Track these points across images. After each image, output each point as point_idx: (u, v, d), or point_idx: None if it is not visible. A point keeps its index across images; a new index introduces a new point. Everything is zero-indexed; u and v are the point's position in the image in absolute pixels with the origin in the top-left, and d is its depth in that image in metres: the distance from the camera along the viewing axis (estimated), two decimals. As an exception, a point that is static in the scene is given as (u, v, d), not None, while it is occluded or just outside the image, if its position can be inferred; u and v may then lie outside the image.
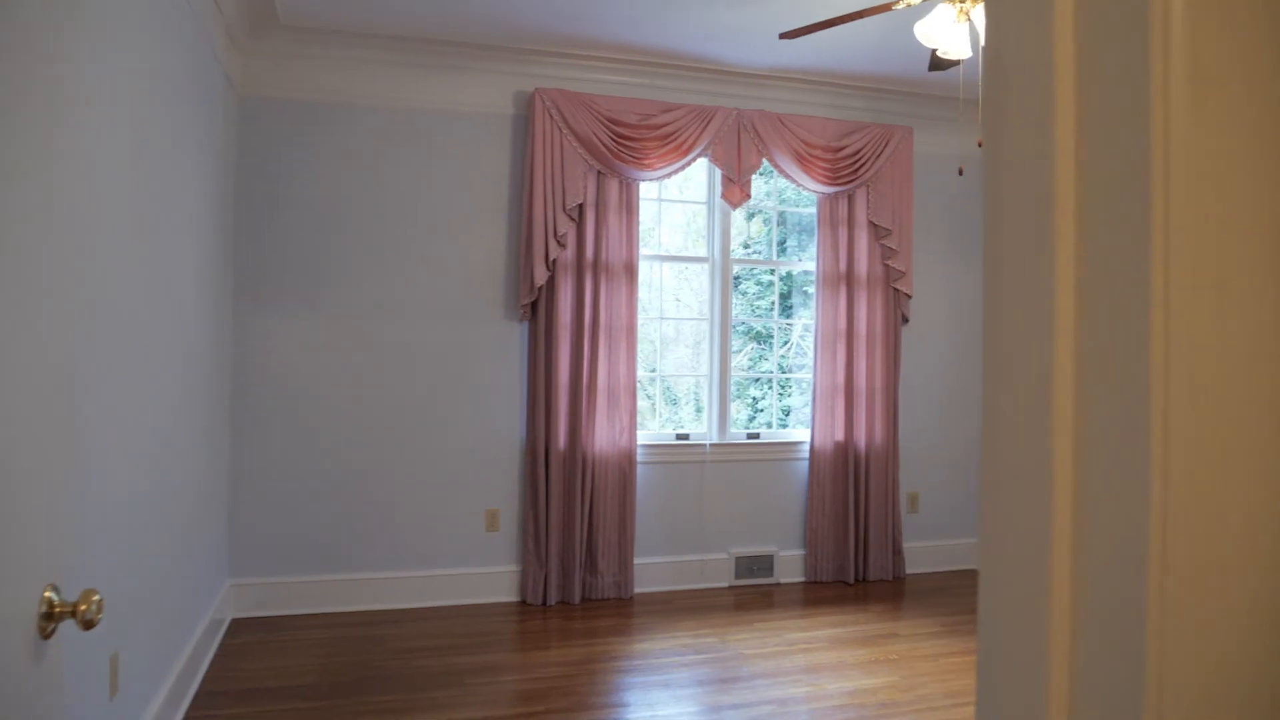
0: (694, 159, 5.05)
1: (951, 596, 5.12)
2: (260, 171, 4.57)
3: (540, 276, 4.77)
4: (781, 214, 5.77)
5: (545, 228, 4.78)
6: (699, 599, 5.02)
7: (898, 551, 5.48)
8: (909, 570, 5.61)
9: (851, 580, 5.33)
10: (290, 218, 4.61)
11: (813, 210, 5.58)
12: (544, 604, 4.82)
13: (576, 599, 4.84)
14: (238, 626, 4.36)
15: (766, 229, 6.83)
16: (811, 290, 5.74)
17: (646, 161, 4.93)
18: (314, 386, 4.64)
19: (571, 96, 4.81)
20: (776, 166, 5.21)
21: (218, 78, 4.02)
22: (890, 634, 4.42)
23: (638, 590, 5.08)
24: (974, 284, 5.80)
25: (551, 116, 4.79)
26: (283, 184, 4.60)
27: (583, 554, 4.90)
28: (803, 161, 5.21)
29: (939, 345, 5.73)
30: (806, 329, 5.88)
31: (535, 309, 4.86)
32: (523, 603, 4.84)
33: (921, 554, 5.68)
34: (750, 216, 6.50)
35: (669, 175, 5.03)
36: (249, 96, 4.54)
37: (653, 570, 5.14)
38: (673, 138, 4.97)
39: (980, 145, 2.85)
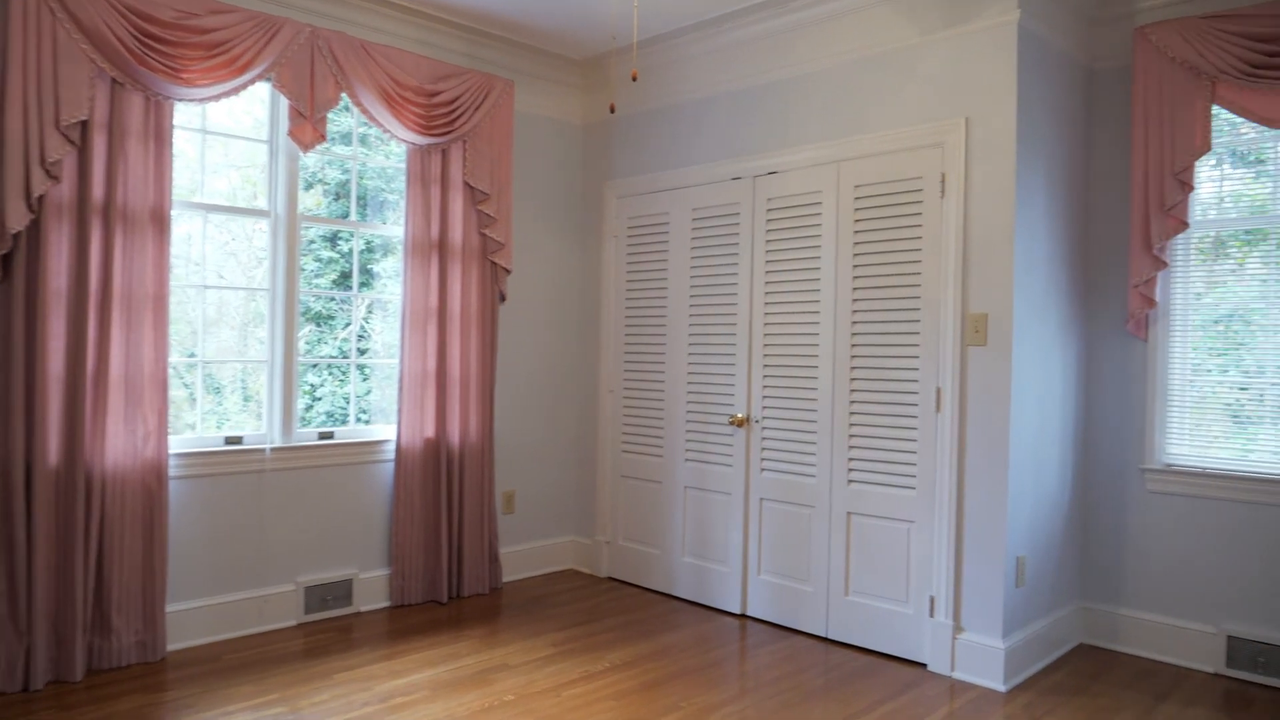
0: (252, 80, 3.88)
1: (553, 606, 4.65)
2: None
3: (18, 220, 3.29)
4: (345, 184, 4.78)
5: (26, 150, 3.31)
6: (259, 648, 3.93)
7: (494, 559, 4.87)
8: (506, 578, 5.05)
9: (445, 599, 4.60)
10: None
11: (383, 181, 4.70)
12: (26, 689, 3.37)
13: (79, 674, 3.47)
14: None
15: (328, 200, 5.74)
16: (376, 269, 4.88)
17: (185, 75, 3.66)
18: None
19: (69, -34, 3.38)
20: (360, 105, 4.24)
21: None
22: (500, 665, 3.80)
23: (172, 648, 3.83)
24: (573, 260, 5.38)
25: (36, -11, 3.31)
26: None
27: (88, 610, 3.53)
28: (392, 103, 4.31)
29: (536, 326, 5.22)
30: (372, 309, 5.01)
31: (9, 267, 3.36)
32: (-12, 692, 3.35)
33: (517, 558, 5.15)
34: (308, 187, 5.39)
35: (218, 97, 3.81)
36: None
37: (194, 618, 3.92)
38: (223, 48, 3.76)
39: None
